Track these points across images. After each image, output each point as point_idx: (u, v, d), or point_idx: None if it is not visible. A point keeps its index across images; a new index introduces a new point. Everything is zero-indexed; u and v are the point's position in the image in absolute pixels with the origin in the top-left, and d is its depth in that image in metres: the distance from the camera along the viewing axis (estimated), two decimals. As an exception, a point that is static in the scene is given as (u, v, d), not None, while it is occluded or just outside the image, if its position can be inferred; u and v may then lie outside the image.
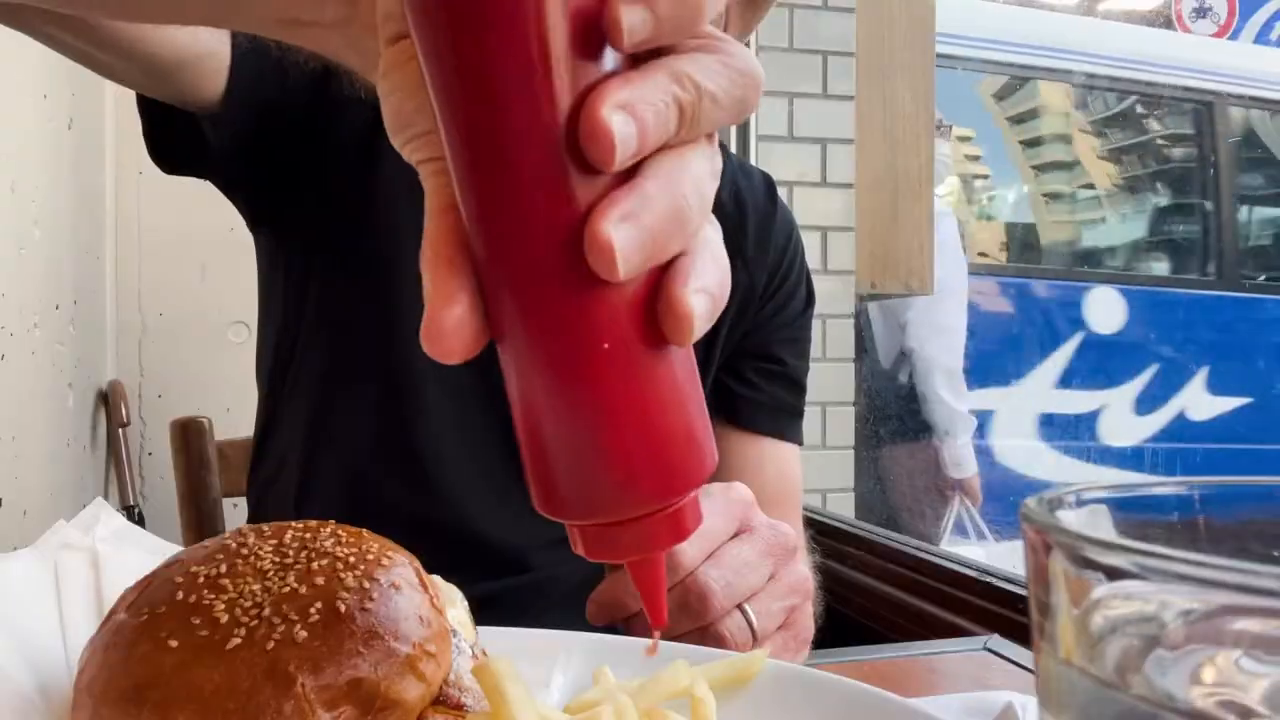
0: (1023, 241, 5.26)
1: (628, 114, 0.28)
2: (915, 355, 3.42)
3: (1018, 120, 5.21)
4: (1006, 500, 3.68)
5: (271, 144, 0.89)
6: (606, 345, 0.30)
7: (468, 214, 0.29)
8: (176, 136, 0.86)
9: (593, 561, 0.63)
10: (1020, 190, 5.32)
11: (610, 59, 0.29)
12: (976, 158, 5.23)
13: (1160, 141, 5.24)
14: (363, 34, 0.35)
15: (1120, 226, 5.30)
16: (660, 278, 0.30)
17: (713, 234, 0.32)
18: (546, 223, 0.29)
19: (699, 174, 0.30)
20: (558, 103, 0.28)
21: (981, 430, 3.97)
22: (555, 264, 0.29)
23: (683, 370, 0.32)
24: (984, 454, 3.89)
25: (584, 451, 0.32)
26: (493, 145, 0.28)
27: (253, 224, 1.00)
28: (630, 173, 0.29)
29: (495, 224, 0.29)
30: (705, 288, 0.30)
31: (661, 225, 0.29)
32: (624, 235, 0.28)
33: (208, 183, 0.94)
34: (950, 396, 3.43)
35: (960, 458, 3.47)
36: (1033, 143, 5.22)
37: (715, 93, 0.30)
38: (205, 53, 0.80)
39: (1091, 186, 5.29)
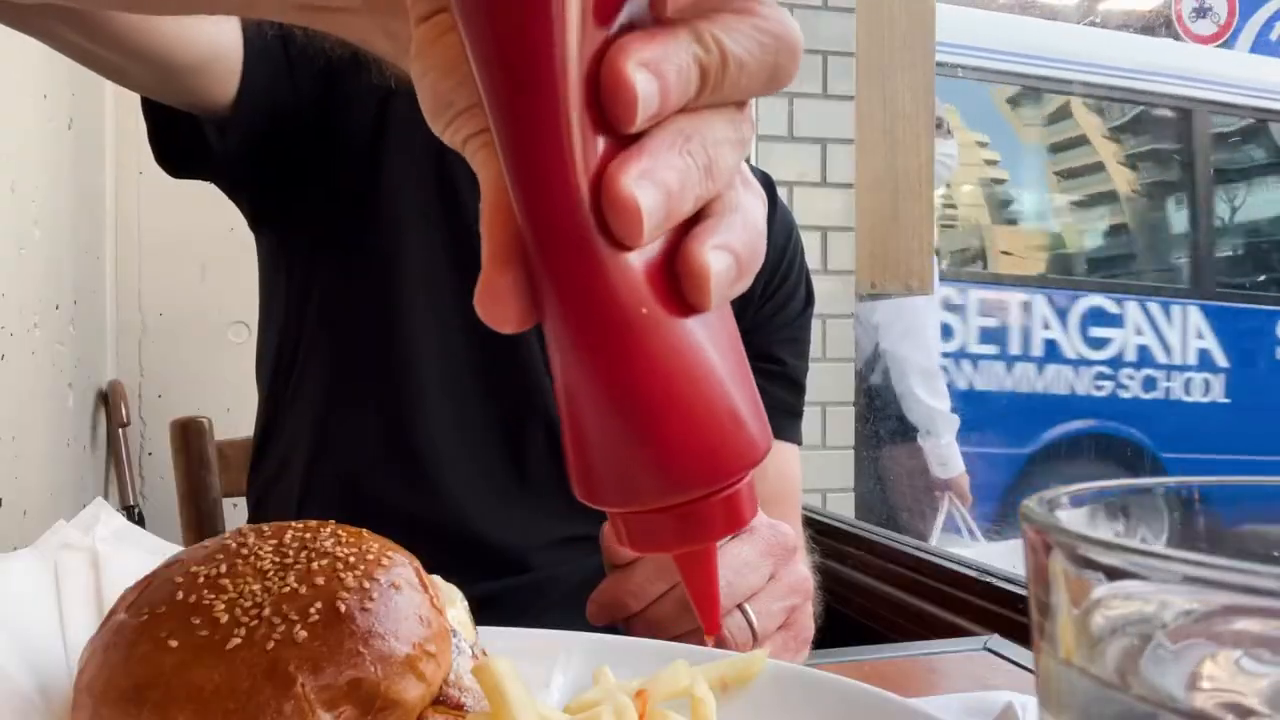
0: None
1: (650, 72, 0.27)
2: (889, 356, 3.40)
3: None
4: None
5: (280, 145, 0.90)
6: (644, 310, 0.28)
7: (507, 181, 0.28)
8: (182, 140, 0.86)
9: (602, 562, 0.63)
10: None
11: (637, 17, 0.28)
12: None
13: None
14: (390, 17, 0.35)
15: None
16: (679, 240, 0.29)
17: (748, 200, 0.31)
18: (561, 186, 0.27)
19: (713, 137, 0.29)
20: (577, 60, 0.27)
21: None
22: (576, 229, 0.28)
23: (723, 342, 0.30)
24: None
25: (620, 430, 0.29)
26: (517, 106, 0.27)
27: (255, 224, 1.00)
28: (639, 134, 0.28)
29: (522, 188, 0.28)
30: (726, 245, 0.29)
31: (675, 185, 0.28)
32: (648, 194, 0.27)
33: (208, 183, 0.94)
34: (927, 395, 3.40)
35: (945, 457, 3.44)
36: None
37: (743, 58, 0.28)
38: (218, 55, 0.80)
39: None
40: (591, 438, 0.30)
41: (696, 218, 0.29)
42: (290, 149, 0.90)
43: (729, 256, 0.29)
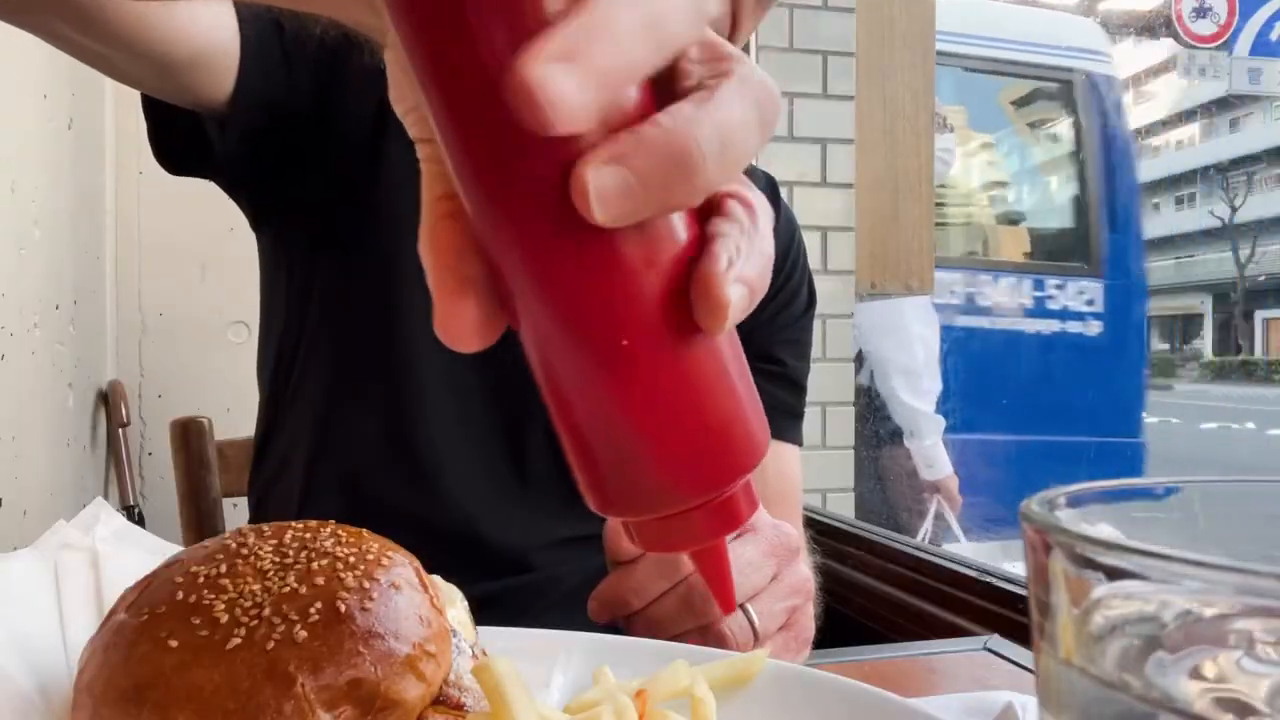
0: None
1: (567, 64, 0.23)
2: (871, 357, 3.37)
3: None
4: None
5: (279, 141, 0.90)
6: (626, 342, 0.28)
7: (464, 196, 0.28)
8: (181, 137, 0.86)
9: (603, 561, 0.64)
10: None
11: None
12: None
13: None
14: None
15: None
16: (695, 258, 0.29)
17: (764, 222, 0.30)
18: (543, 193, 0.26)
19: (727, 119, 0.27)
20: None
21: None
22: (565, 240, 0.27)
23: (723, 352, 0.31)
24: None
25: (620, 447, 0.30)
26: (462, 106, 0.26)
27: (256, 223, 1.00)
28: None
29: (492, 208, 0.27)
30: (744, 278, 0.29)
31: (657, 172, 0.26)
32: (605, 178, 0.25)
33: (208, 182, 0.94)
34: (910, 397, 3.35)
35: (931, 459, 3.38)
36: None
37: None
38: (214, 50, 0.80)
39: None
40: (591, 452, 0.31)
41: (710, 237, 0.29)
42: (289, 145, 0.90)
43: (745, 289, 0.29)
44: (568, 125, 0.23)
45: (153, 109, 0.85)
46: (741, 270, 0.29)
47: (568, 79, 0.23)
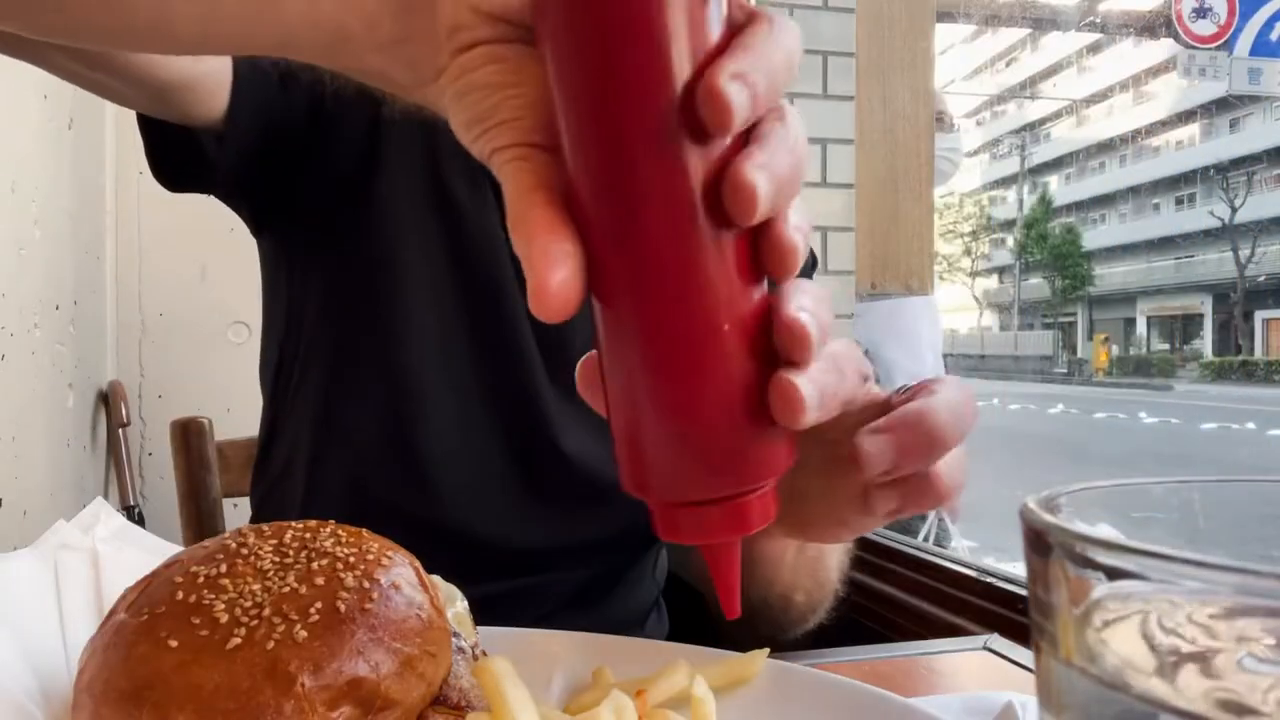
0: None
1: (741, 83, 0.31)
2: (876, 358, 3.33)
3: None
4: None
5: (275, 155, 0.90)
6: (727, 326, 0.32)
7: (593, 188, 0.31)
8: (179, 154, 0.86)
9: (602, 567, 0.64)
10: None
11: (714, 33, 0.32)
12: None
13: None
14: (418, 50, 0.37)
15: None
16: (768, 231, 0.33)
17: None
18: (678, 192, 0.31)
19: (802, 137, 0.34)
20: (679, 74, 0.30)
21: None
22: (684, 235, 0.31)
23: (772, 351, 0.34)
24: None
25: (691, 425, 0.32)
26: (621, 123, 0.30)
27: (256, 230, 1.00)
28: (744, 138, 0.32)
29: (625, 198, 0.31)
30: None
31: (787, 175, 0.33)
32: (763, 181, 0.31)
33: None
34: None
35: None
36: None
37: (793, 56, 0.34)
38: (209, 71, 0.80)
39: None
40: (652, 432, 0.33)
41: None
42: (287, 156, 0.90)
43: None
44: (736, 127, 0.31)
45: (149, 127, 0.85)
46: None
47: (740, 92, 0.31)
